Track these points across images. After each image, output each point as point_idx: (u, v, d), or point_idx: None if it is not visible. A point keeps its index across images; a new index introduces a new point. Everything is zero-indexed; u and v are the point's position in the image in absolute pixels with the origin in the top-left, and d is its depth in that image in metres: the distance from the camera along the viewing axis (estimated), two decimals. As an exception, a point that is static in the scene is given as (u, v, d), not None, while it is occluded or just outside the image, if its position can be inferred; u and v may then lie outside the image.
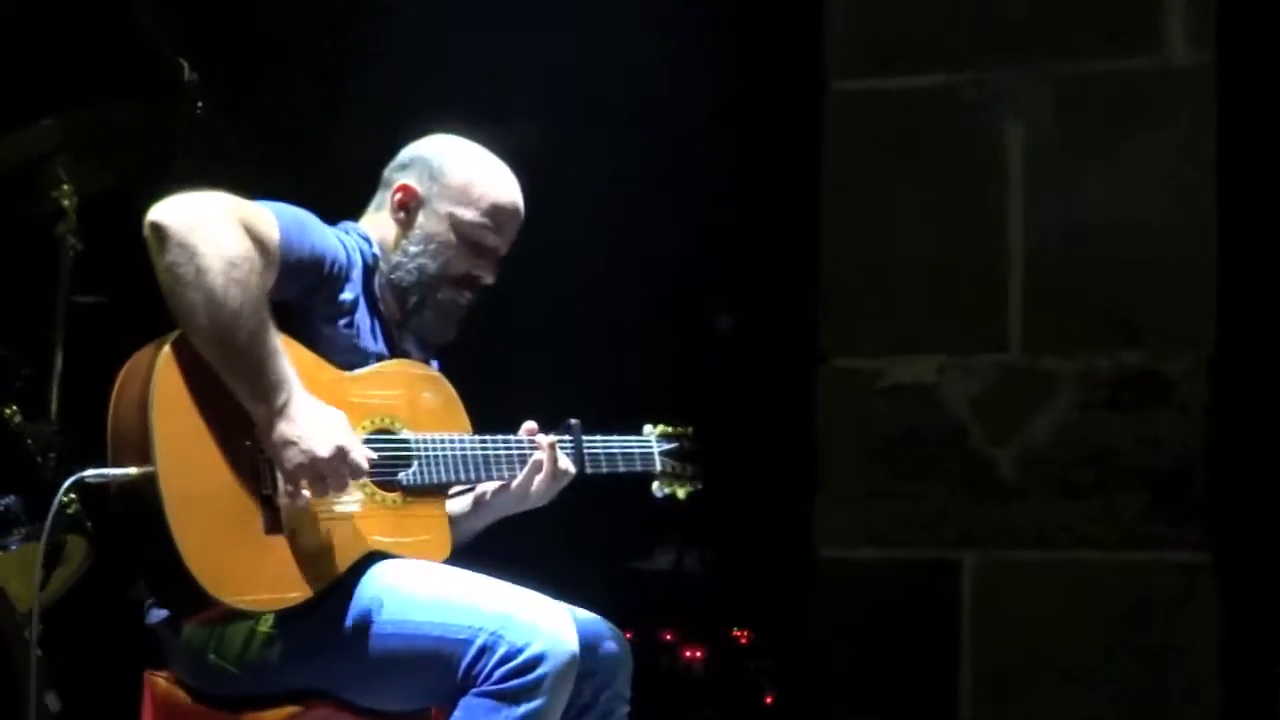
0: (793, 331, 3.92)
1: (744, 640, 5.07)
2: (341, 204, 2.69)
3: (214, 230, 2.22)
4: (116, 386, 2.27)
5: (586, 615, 2.49)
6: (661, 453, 2.76)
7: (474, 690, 2.25)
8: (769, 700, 4.91)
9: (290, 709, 2.36)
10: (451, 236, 2.54)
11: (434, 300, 2.54)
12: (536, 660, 2.25)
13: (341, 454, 2.27)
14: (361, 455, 2.31)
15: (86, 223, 3.64)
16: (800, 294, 3.73)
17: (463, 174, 2.57)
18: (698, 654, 5.04)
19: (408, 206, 2.55)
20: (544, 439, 2.60)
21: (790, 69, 4.01)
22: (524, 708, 2.24)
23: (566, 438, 2.61)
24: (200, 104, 3.54)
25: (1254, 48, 3.42)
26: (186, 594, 2.19)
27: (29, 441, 3.34)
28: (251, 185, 2.45)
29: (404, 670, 2.31)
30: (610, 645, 2.53)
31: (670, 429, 2.78)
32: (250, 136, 4.08)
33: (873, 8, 3.56)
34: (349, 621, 2.32)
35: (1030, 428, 3.42)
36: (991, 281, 3.46)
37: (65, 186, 3.58)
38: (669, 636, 5.04)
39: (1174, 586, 3.30)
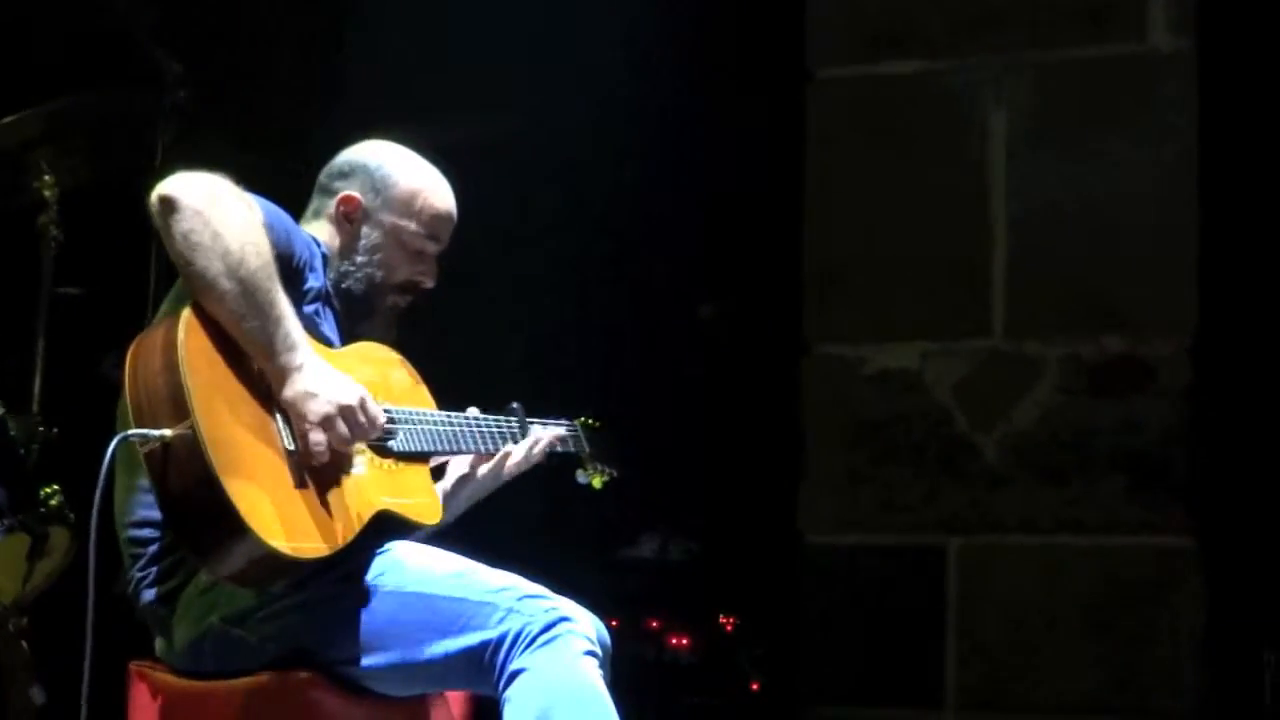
0: (776, 319, 3.93)
1: (730, 627, 5.08)
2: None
3: (223, 199, 2.31)
4: (130, 364, 2.29)
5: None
6: (586, 440, 2.81)
7: (513, 658, 2.29)
8: (755, 687, 4.92)
9: (288, 676, 2.35)
10: (396, 247, 2.63)
11: (381, 306, 2.63)
12: (565, 619, 2.32)
13: (363, 402, 2.35)
14: (376, 406, 2.36)
15: (68, 214, 3.63)
16: (783, 281, 3.74)
17: (405, 185, 2.64)
18: (684, 641, 5.05)
19: (352, 217, 2.62)
20: (534, 426, 2.66)
21: (773, 56, 4.02)
22: (578, 647, 2.29)
23: (512, 419, 2.67)
24: (183, 94, 3.53)
25: (1234, 34, 3.43)
26: (231, 538, 2.20)
27: (12, 433, 3.33)
28: (233, 177, 2.45)
29: (420, 634, 2.33)
30: None
31: (591, 420, 2.83)
32: (233, 129, 4.08)
33: (854, -5, 3.58)
34: (366, 579, 2.35)
35: (1013, 413, 3.43)
36: (974, 268, 3.47)
37: (47, 178, 3.57)
38: (655, 624, 5.05)
39: (1156, 570, 3.32)
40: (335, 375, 2.34)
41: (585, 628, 2.33)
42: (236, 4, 4.65)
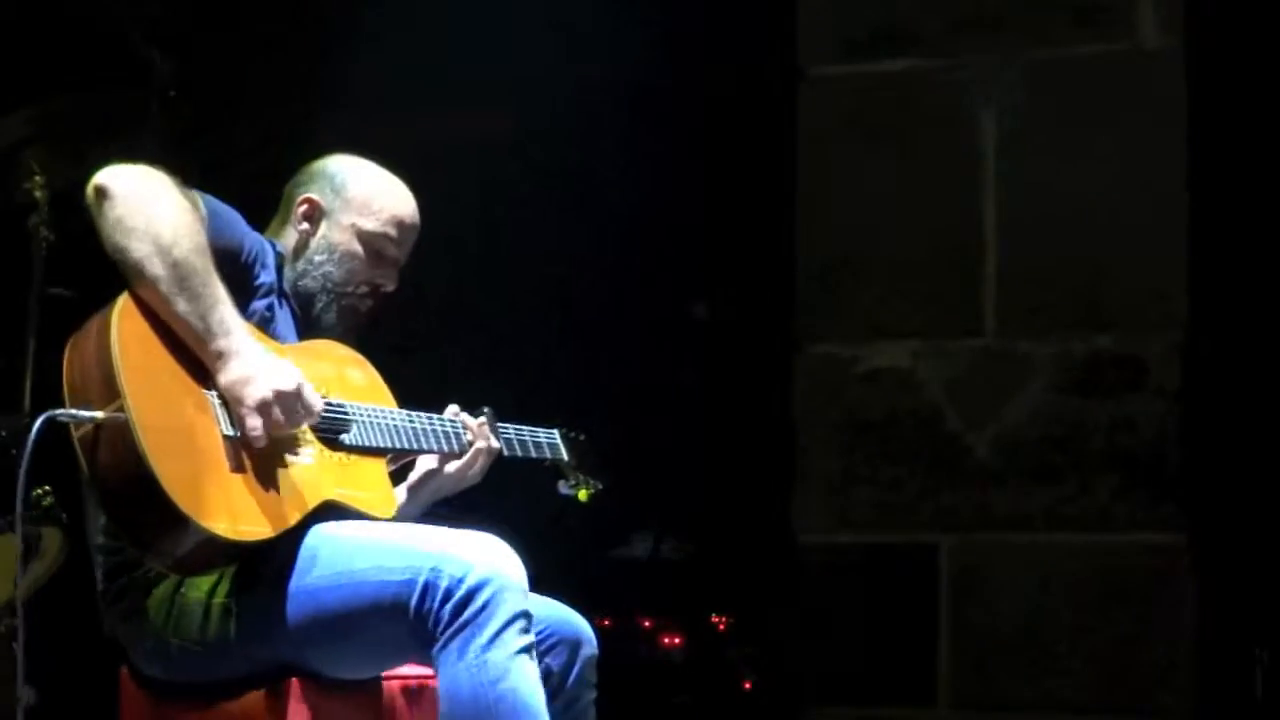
0: (768, 318, 3.93)
1: (722, 626, 5.09)
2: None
3: (157, 187, 2.33)
4: (69, 350, 2.30)
5: (547, 601, 2.51)
6: (567, 450, 2.81)
7: (435, 643, 2.27)
8: (747, 686, 4.93)
9: (259, 693, 2.35)
10: (354, 246, 2.63)
11: (338, 306, 2.63)
12: (479, 586, 2.27)
13: (299, 388, 2.34)
14: (314, 394, 2.35)
15: (59, 215, 3.62)
16: (775, 280, 3.74)
17: (364, 187, 2.67)
18: (676, 640, 5.06)
19: (311, 217, 2.65)
20: (470, 420, 2.65)
21: (763, 54, 4.01)
22: (486, 632, 2.26)
23: (482, 421, 2.68)
24: (174, 94, 3.53)
25: (1223, 32, 3.44)
26: (163, 522, 2.19)
27: (1, 434, 3.33)
28: (222, 174, 2.46)
29: (356, 623, 2.33)
30: (572, 630, 2.55)
31: (571, 433, 2.84)
32: (223, 129, 4.07)
33: (845, -7, 3.58)
34: (294, 581, 2.34)
35: (1005, 411, 3.43)
36: (966, 266, 3.47)
37: (37, 178, 3.57)
38: (647, 623, 5.05)
39: (1149, 568, 3.32)
40: (272, 360, 2.33)
41: (504, 585, 2.26)
42: (227, 4, 4.64)
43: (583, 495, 2.85)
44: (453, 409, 2.69)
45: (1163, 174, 3.36)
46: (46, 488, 3.32)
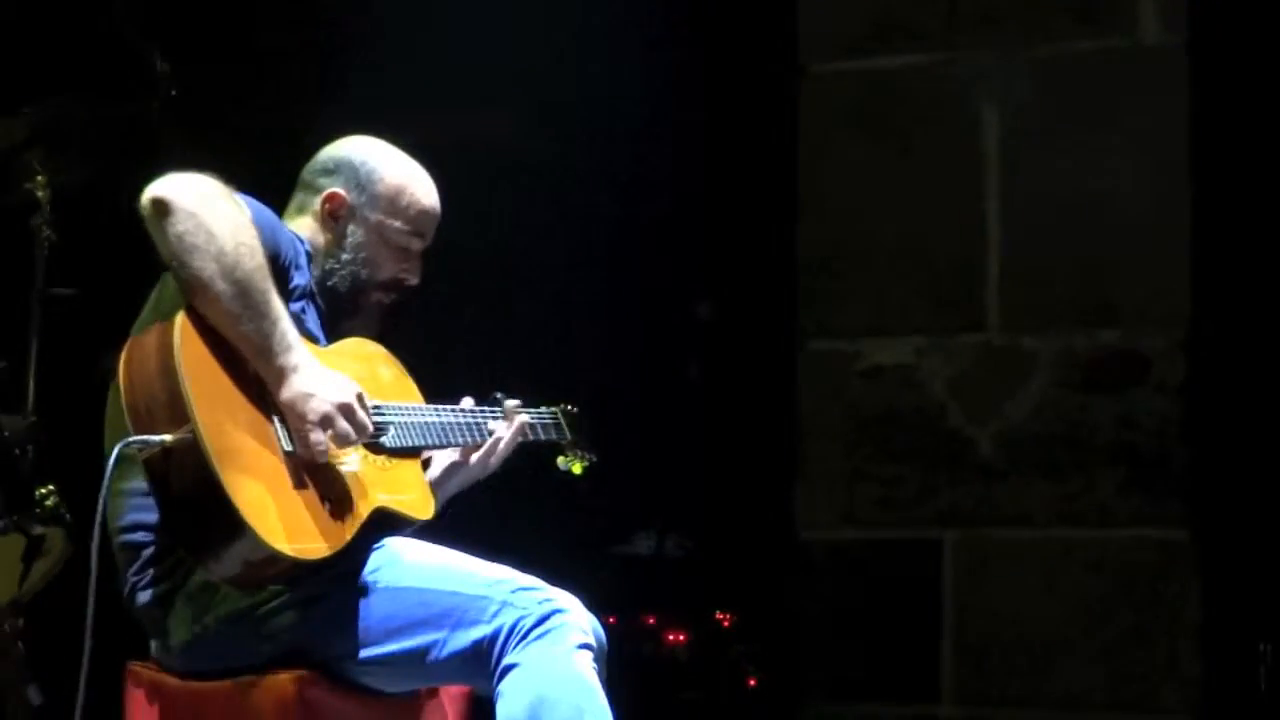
0: (771, 315, 3.93)
1: (727, 623, 5.08)
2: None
3: (216, 201, 2.31)
4: (124, 370, 2.29)
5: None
6: (568, 426, 2.82)
7: (507, 653, 2.30)
8: (752, 683, 4.93)
9: (282, 676, 2.35)
10: (381, 244, 2.61)
11: (366, 304, 2.62)
12: (559, 611, 2.33)
13: (360, 399, 2.36)
14: (367, 405, 2.39)
15: (61, 215, 3.62)
16: (778, 277, 3.73)
17: (391, 182, 2.62)
18: (681, 638, 5.05)
19: (338, 215, 2.61)
20: (510, 403, 2.67)
21: (766, 51, 4.01)
22: (568, 643, 2.30)
23: (496, 409, 2.68)
24: (174, 94, 3.53)
25: (1226, 28, 3.43)
26: (237, 545, 2.20)
27: (5, 434, 3.33)
28: (225, 176, 2.45)
29: (416, 630, 2.34)
30: None
31: (569, 407, 2.84)
32: (224, 128, 4.07)
33: (847, -11, 3.57)
34: (360, 576, 2.35)
35: (1009, 407, 3.43)
36: (968, 262, 3.47)
37: (39, 178, 3.57)
38: (652, 621, 5.05)
39: (1153, 563, 3.32)
40: (331, 374, 2.34)
41: (579, 619, 2.33)
42: (228, 5, 4.64)
43: (577, 469, 2.86)
44: (468, 401, 2.69)
45: (1165, 170, 3.36)
46: (51, 487, 3.32)
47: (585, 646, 2.32)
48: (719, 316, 5.22)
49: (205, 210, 2.28)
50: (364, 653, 2.36)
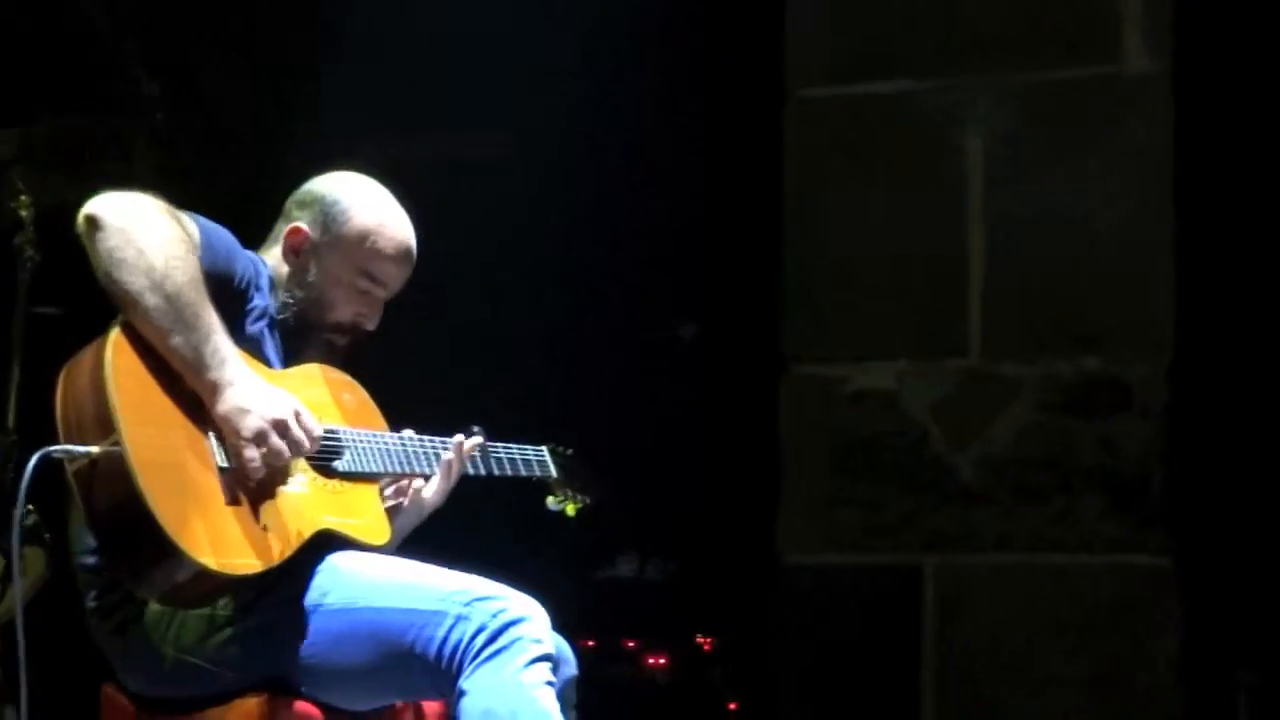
0: (754, 339, 3.93)
1: (707, 647, 5.08)
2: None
3: (148, 216, 2.31)
4: (62, 382, 2.28)
5: None
6: (555, 467, 2.80)
7: (463, 671, 2.27)
8: (732, 707, 4.92)
9: (251, 700, 2.34)
10: (335, 285, 2.57)
11: (316, 341, 2.58)
12: (514, 622, 2.31)
13: (296, 415, 2.32)
14: (312, 420, 2.34)
15: (45, 234, 3.61)
16: (761, 302, 3.74)
17: (357, 226, 2.57)
18: (661, 661, 5.05)
19: (299, 250, 2.58)
20: (467, 442, 2.65)
21: (753, 76, 4.02)
22: (520, 660, 2.28)
23: (448, 440, 2.67)
24: (159, 115, 3.53)
25: (1209, 56, 3.46)
26: (156, 555, 2.18)
27: (-13, 453, 3.32)
28: (206, 197, 2.45)
29: (374, 649, 2.32)
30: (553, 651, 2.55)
31: (560, 448, 2.82)
32: (209, 149, 4.07)
33: (835, 16, 3.58)
34: (309, 601, 2.33)
35: (991, 432, 3.44)
36: (952, 288, 3.48)
37: (23, 197, 3.56)
38: (631, 644, 5.04)
39: (1135, 590, 3.32)
40: (268, 389, 2.31)
41: (535, 628, 2.31)
42: (213, 26, 4.64)
43: (570, 510, 2.84)
44: (409, 433, 2.64)
45: (1148, 198, 3.37)
46: (30, 507, 3.30)
47: (541, 659, 2.30)
48: (704, 340, 5.23)
49: (135, 226, 2.28)
50: (325, 675, 2.35)
